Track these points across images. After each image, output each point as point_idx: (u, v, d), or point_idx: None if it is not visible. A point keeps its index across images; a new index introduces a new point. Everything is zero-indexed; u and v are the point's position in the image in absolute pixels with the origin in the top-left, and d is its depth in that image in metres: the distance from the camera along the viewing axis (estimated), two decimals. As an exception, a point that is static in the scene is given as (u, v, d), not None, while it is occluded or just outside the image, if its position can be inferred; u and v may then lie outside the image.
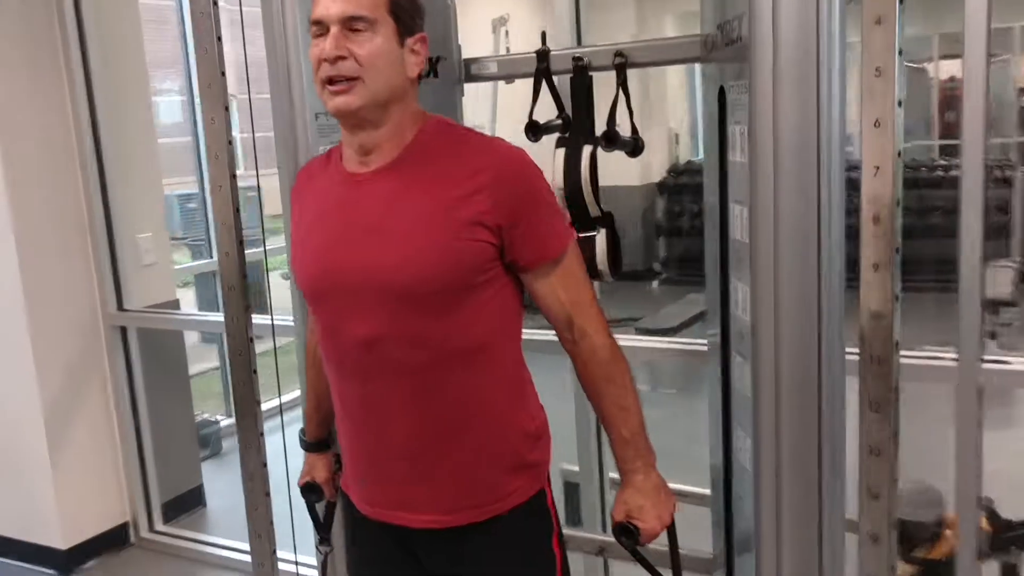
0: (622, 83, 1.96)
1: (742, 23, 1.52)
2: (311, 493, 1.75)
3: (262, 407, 2.06)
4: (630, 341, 2.43)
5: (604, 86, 1.97)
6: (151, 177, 3.50)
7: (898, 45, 1.31)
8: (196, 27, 1.89)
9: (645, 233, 8.23)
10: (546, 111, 2.05)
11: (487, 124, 5.45)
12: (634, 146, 2.00)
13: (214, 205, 1.97)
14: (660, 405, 4.42)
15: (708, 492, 2.01)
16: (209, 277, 4.42)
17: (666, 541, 1.55)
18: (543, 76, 2.04)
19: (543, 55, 2.03)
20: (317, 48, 1.37)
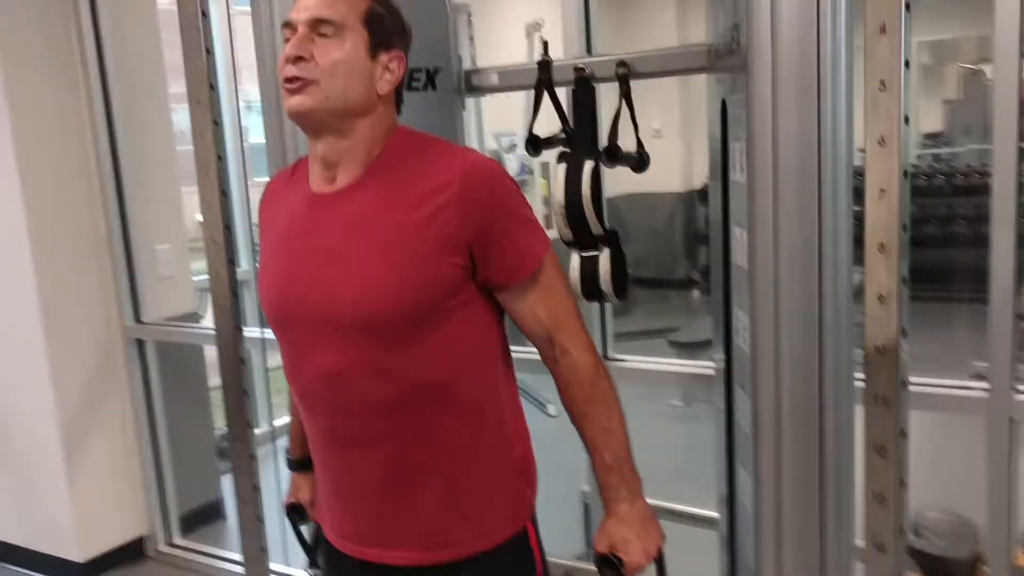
0: (625, 94, 1.86)
1: (740, 31, 1.42)
2: (295, 514, 1.69)
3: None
4: (633, 363, 2.33)
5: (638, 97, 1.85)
6: (169, 187, 3.48)
7: (904, 56, 1.19)
8: (185, 40, 1.84)
9: (686, 241, 8.07)
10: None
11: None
12: (639, 161, 1.90)
13: (204, 222, 1.92)
14: (696, 420, 4.27)
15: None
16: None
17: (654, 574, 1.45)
18: (545, 88, 1.95)
19: (545, 66, 1.95)
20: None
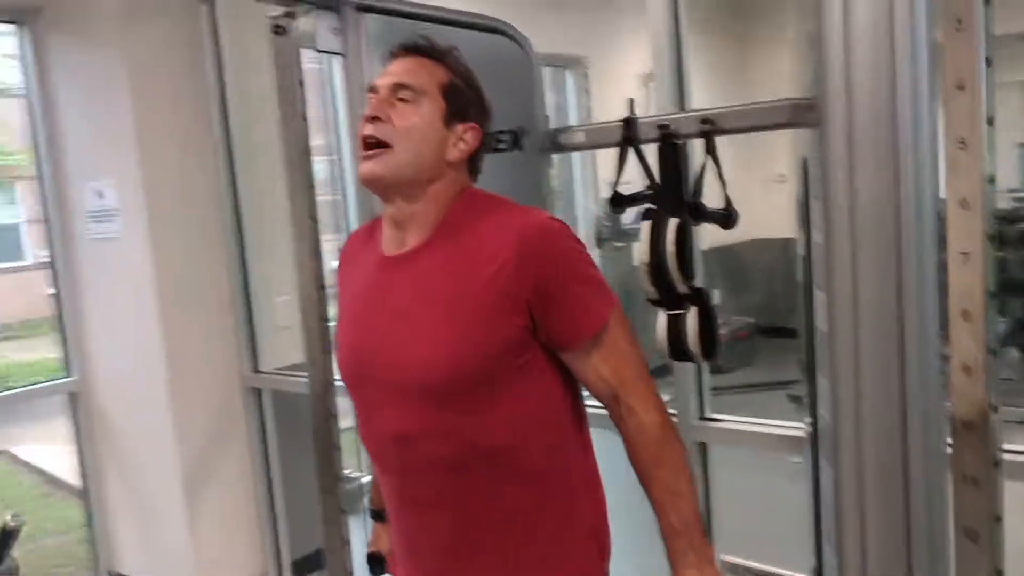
0: (710, 151, 1.82)
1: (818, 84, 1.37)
2: (376, 563, 1.71)
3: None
4: (727, 423, 2.24)
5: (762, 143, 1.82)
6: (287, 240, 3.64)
7: (985, 112, 1.12)
8: (283, 108, 1.93)
9: (807, 288, 7.75)
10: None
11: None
12: (727, 218, 1.85)
13: (298, 280, 2.00)
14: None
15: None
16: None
17: None
18: (629, 145, 1.93)
19: (630, 123, 1.93)
20: None
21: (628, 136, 1.92)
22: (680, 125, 1.86)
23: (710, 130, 1.81)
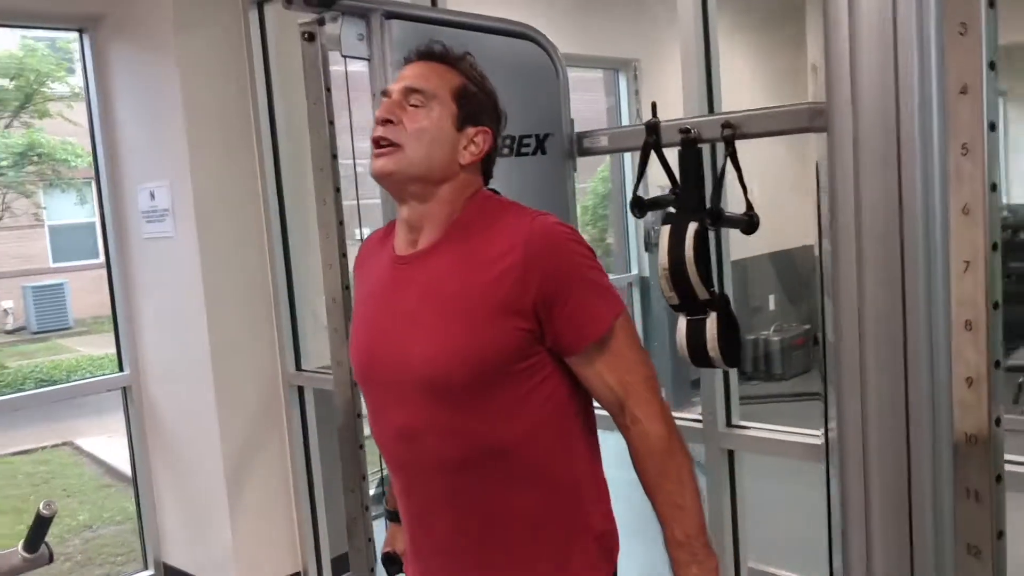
0: (731, 155, 1.81)
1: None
2: (391, 564, 1.73)
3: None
4: (752, 431, 2.21)
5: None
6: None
7: (987, 118, 1.09)
8: (311, 113, 1.97)
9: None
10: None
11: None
12: (748, 223, 1.83)
13: (325, 282, 2.03)
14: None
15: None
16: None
17: None
18: (652, 149, 1.93)
19: (652, 127, 1.93)
20: None
21: (650, 140, 1.92)
22: (702, 129, 1.85)
23: (731, 134, 1.80)
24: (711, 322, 1.87)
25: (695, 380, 2.37)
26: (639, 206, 1.94)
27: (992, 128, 1.09)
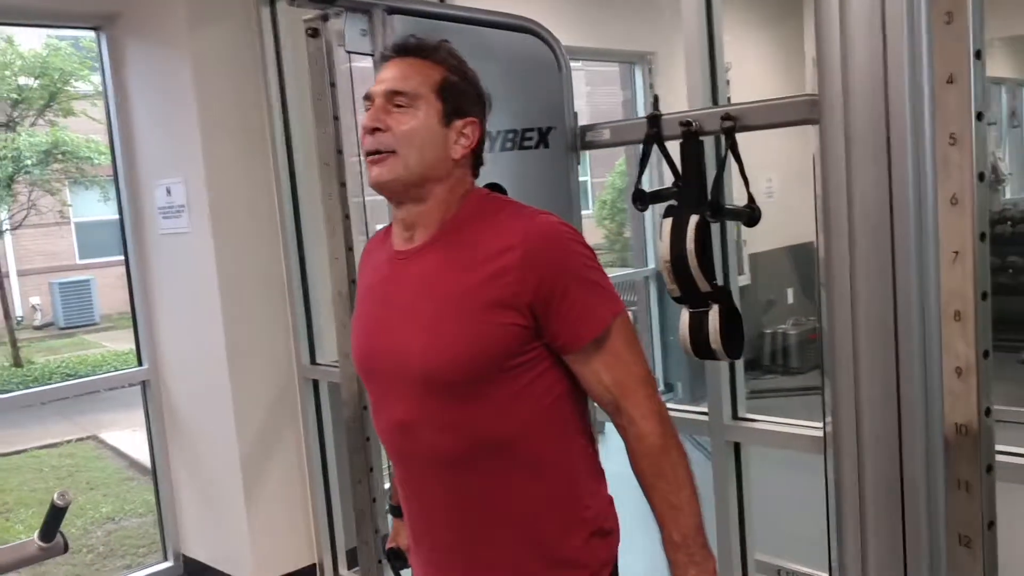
0: (731, 147, 1.81)
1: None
2: (396, 559, 1.75)
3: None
4: (758, 424, 2.21)
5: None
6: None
7: (975, 107, 1.09)
8: (316, 109, 1.99)
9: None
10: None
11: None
12: (750, 215, 1.83)
13: (332, 276, 2.06)
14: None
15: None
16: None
17: None
18: (654, 142, 1.93)
19: (654, 120, 1.93)
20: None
21: (652, 133, 1.93)
22: (703, 121, 1.85)
23: (732, 126, 1.80)
24: (713, 314, 1.88)
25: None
26: (641, 199, 1.95)
27: (979, 117, 1.09)
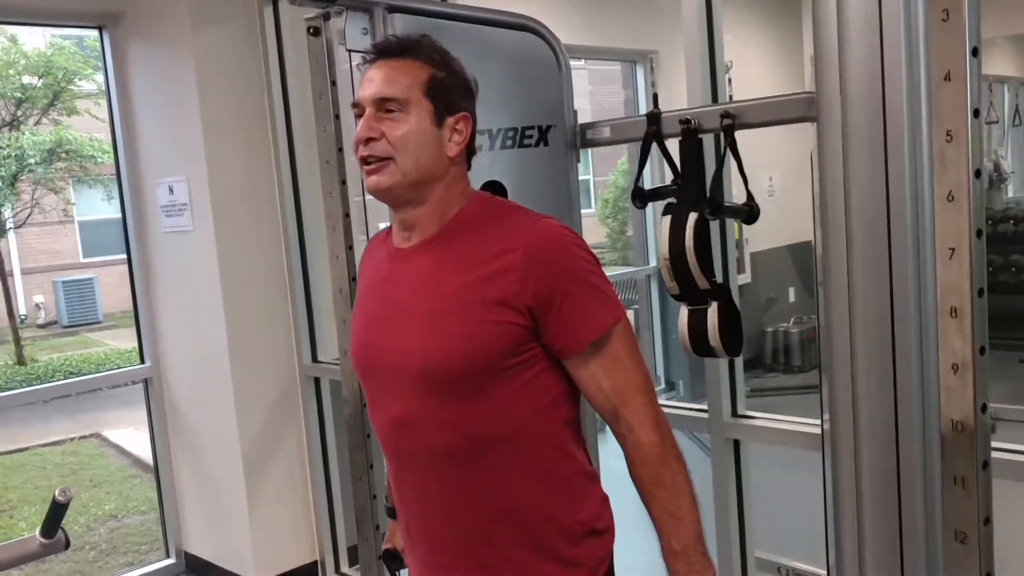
0: (730, 144, 1.81)
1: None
2: (392, 561, 1.74)
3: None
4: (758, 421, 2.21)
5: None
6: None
7: (971, 105, 1.09)
8: (316, 107, 2.00)
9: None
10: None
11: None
12: (748, 213, 1.84)
13: (332, 273, 2.06)
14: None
15: None
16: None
17: None
18: (653, 140, 1.94)
19: (654, 118, 1.94)
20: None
21: (651, 131, 1.93)
22: (702, 119, 1.85)
23: (730, 124, 1.80)
24: (712, 311, 1.88)
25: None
26: (640, 197, 1.95)
27: (976, 115, 1.09)
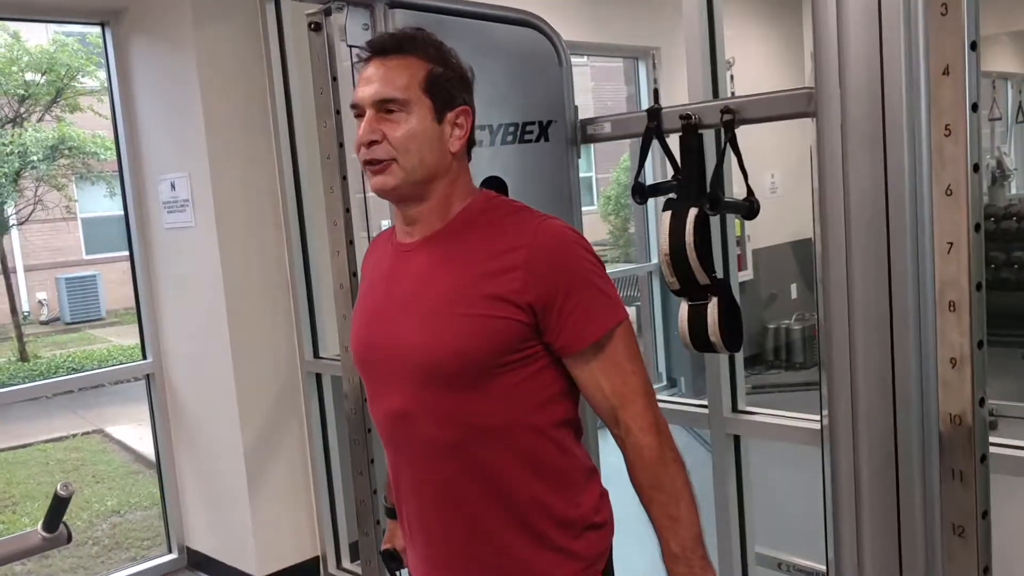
0: (730, 140, 1.81)
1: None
2: (391, 561, 1.75)
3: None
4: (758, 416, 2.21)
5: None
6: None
7: (969, 99, 1.09)
8: (317, 103, 2.00)
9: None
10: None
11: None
12: (749, 209, 1.84)
13: (333, 269, 2.07)
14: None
15: None
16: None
17: None
18: (654, 135, 1.94)
19: (654, 114, 1.94)
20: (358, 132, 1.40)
21: (652, 126, 1.93)
22: (702, 115, 1.85)
23: (731, 120, 1.80)
24: (712, 307, 1.88)
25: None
26: (640, 192, 1.95)
27: (975, 109, 1.10)
